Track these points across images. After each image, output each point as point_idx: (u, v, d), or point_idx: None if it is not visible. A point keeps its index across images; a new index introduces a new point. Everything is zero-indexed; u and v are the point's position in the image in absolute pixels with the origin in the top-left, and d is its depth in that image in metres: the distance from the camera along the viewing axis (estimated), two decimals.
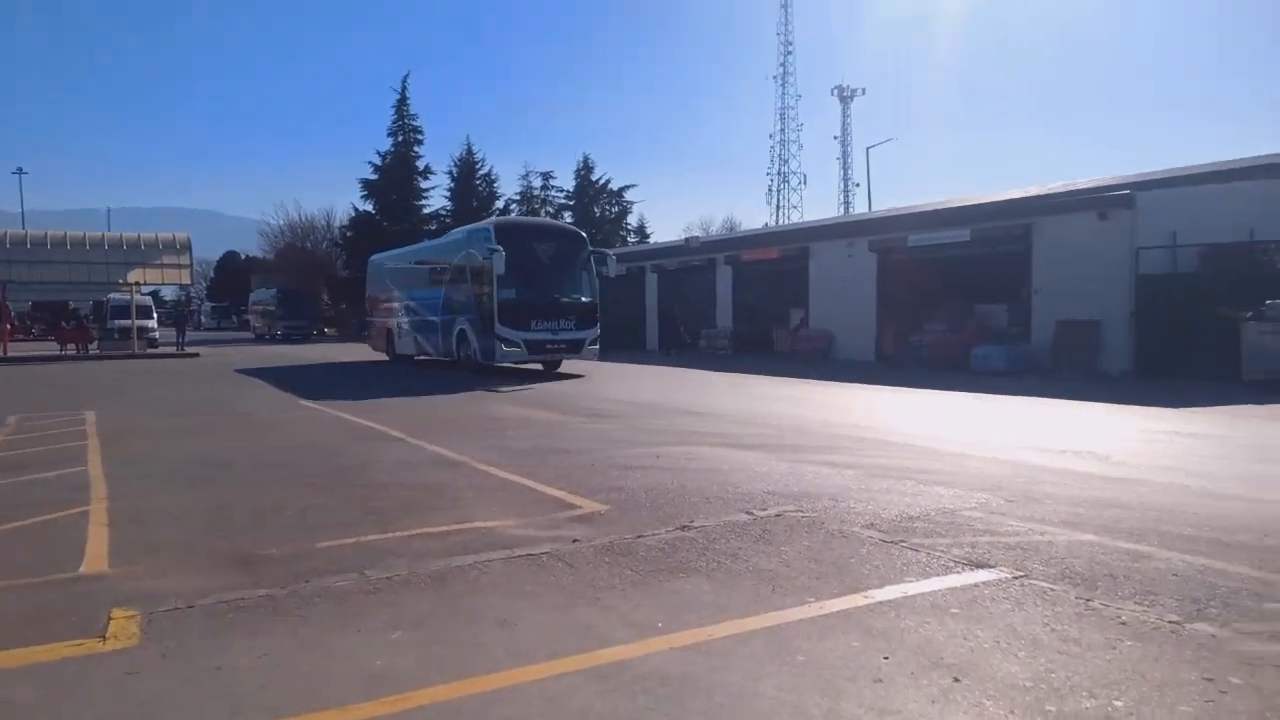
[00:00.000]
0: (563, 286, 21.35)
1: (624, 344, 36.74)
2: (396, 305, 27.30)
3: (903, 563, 5.18)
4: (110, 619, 4.35)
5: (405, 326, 26.46)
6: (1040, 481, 7.69)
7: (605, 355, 31.52)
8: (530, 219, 34.26)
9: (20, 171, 74.52)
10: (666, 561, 5.27)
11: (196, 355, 33.87)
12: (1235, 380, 16.28)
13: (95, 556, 5.54)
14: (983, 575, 4.90)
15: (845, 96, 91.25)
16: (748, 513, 6.49)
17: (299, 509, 6.85)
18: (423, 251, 26.92)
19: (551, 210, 68.25)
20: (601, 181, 67.25)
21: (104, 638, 4.11)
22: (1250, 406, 13.51)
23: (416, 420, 12.47)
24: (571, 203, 67.23)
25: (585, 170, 66.89)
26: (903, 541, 5.64)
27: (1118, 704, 3.23)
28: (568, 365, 23.36)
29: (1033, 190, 28.18)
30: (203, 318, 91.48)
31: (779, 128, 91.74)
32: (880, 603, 4.46)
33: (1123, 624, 4.06)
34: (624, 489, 7.44)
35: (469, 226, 23.80)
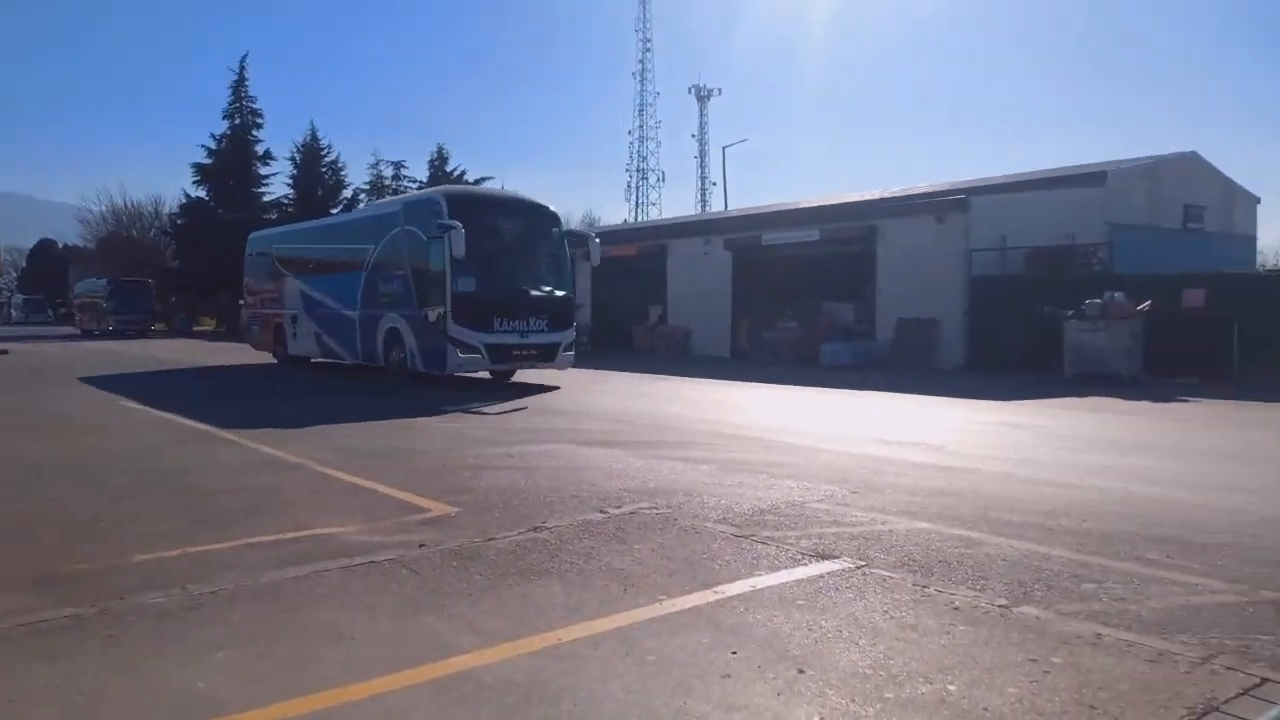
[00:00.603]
0: (532, 276, 16.91)
1: None
2: (291, 295, 22.04)
3: (752, 556, 5.23)
4: None
5: (305, 322, 21.31)
6: (883, 473, 7.99)
7: None
8: (490, 190, 26.03)
9: None
10: (517, 564, 5.13)
11: (5, 353, 31.03)
12: (1059, 374, 17.51)
13: None
14: (828, 566, 5.01)
15: (702, 96, 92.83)
16: (602, 511, 6.43)
17: (116, 519, 6.31)
18: (334, 229, 22.37)
19: None
20: (457, 173, 65.76)
21: None
22: (1072, 399, 14.56)
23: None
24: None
25: (440, 160, 65.10)
26: (753, 535, 5.71)
27: (951, 688, 3.34)
28: None
29: (878, 194, 29.50)
30: (13, 311, 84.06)
31: (638, 124, 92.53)
32: (730, 598, 4.48)
33: (956, 609, 4.22)
34: (475, 490, 7.24)
35: (403, 197, 19.62)
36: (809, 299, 25.20)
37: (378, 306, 17.94)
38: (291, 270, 22.29)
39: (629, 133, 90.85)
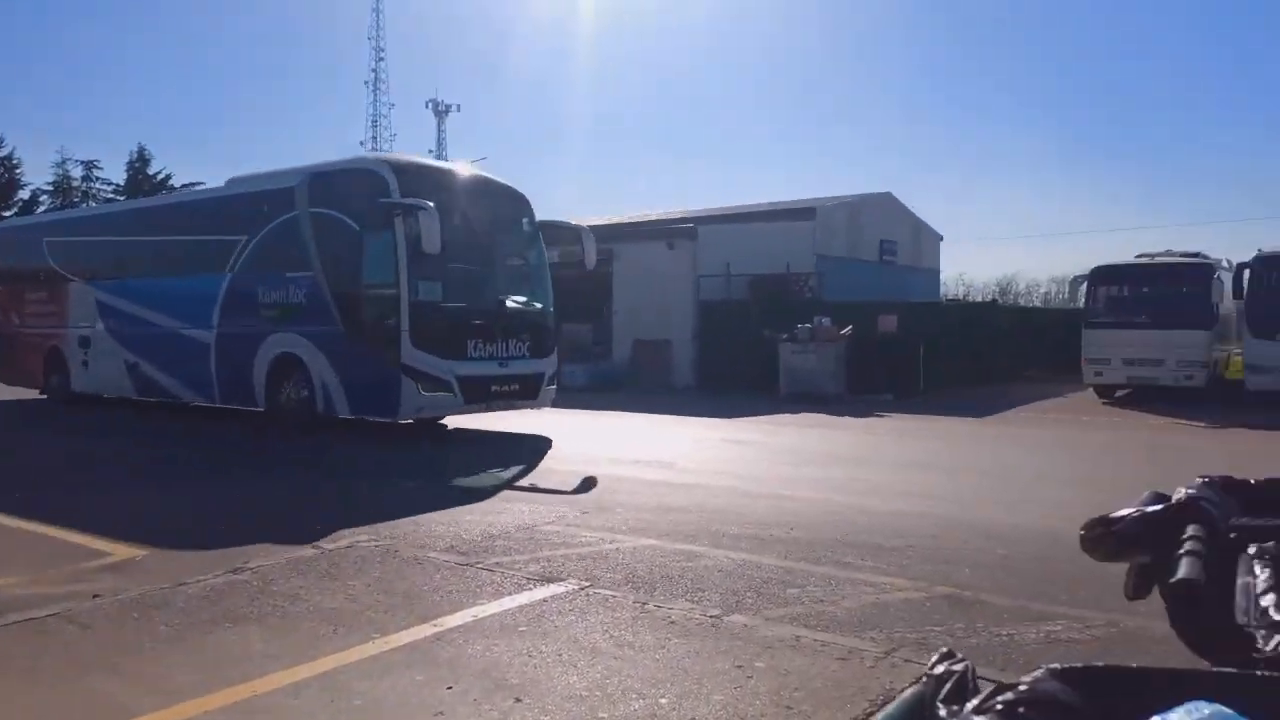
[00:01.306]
0: (508, 282, 12.86)
1: None
2: (80, 307, 15.90)
3: (477, 584, 5.08)
4: None
5: (106, 345, 15.23)
6: (616, 491, 8.12)
7: None
8: (443, 164, 18.19)
9: None
10: (210, 611, 4.63)
11: None
12: (776, 394, 18.82)
13: None
14: (553, 589, 4.96)
15: (440, 111, 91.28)
16: (315, 546, 5.99)
17: None
18: (163, 215, 15.99)
19: (95, 204, 59.68)
20: (161, 175, 59.87)
21: None
22: (787, 415, 15.67)
23: None
24: (123, 198, 59.18)
25: (140, 162, 59.02)
26: (479, 563, 5.56)
27: (663, 701, 3.39)
28: None
29: (616, 219, 30.47)
30: None
31: (371, 135, 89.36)
32: (449, 629, 4.30)
33: (672, 623, 4.33)
34: (169, 529, 6.50)
35: (303, 169, 12.64)
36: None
37: (255, 323, 12.47)
38: (80, 273, 15.96)
39: (360, 144, 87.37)
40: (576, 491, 8.11)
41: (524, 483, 8.60)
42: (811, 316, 19.01)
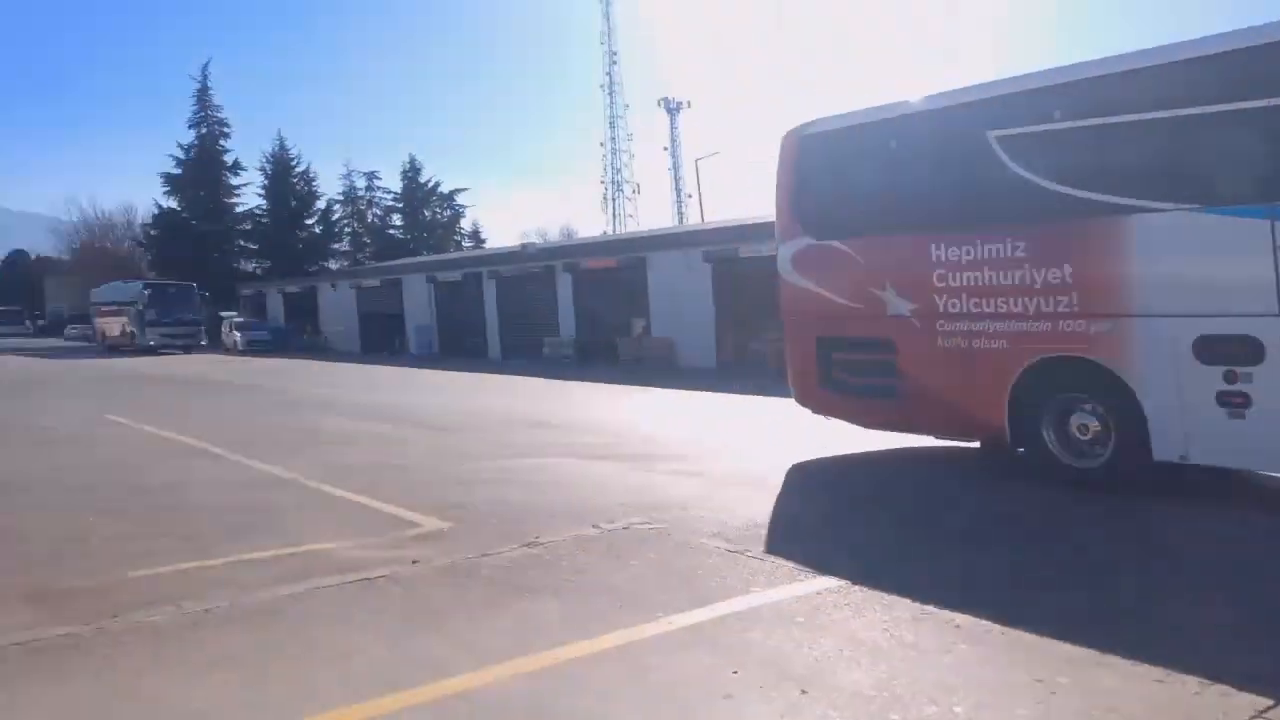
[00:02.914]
0: None
1: (466, 350, 36.04)
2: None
3: (749, 572, 5.23)
4: None
5: None
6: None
7: (442, 363, 30.79)
8: None
9: None
10: (512, 581, 5.11)
11: None
12: None
13: None
14: (825, 582, 5.00)
15: (672, 109, 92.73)
16: (596, 526, 6.41)
17: (107, 536, 6.23)
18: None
19: (380, 212, 66.11)
20: (431, 184, 65.53)
21: None
22: None
23: None
24: (400, 205, 65.25)
25: (413, 171, 64.95)
26: (747, 551, 5.70)
27: (958, 709, 3.34)
28: (402, 370, 22.54)
29: None
30: None
31: (610, 136, 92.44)
32: (727, 615, 4.47)
33: (957, 627, 4.23)
34: (468, 505, 7.20)
35: None
36: None
37: None
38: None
39: (601, 145, 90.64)
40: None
41: (777, 474, 8.67)
42: None
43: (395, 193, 65.35)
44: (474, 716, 3.37)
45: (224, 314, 45.22)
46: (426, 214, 64.70)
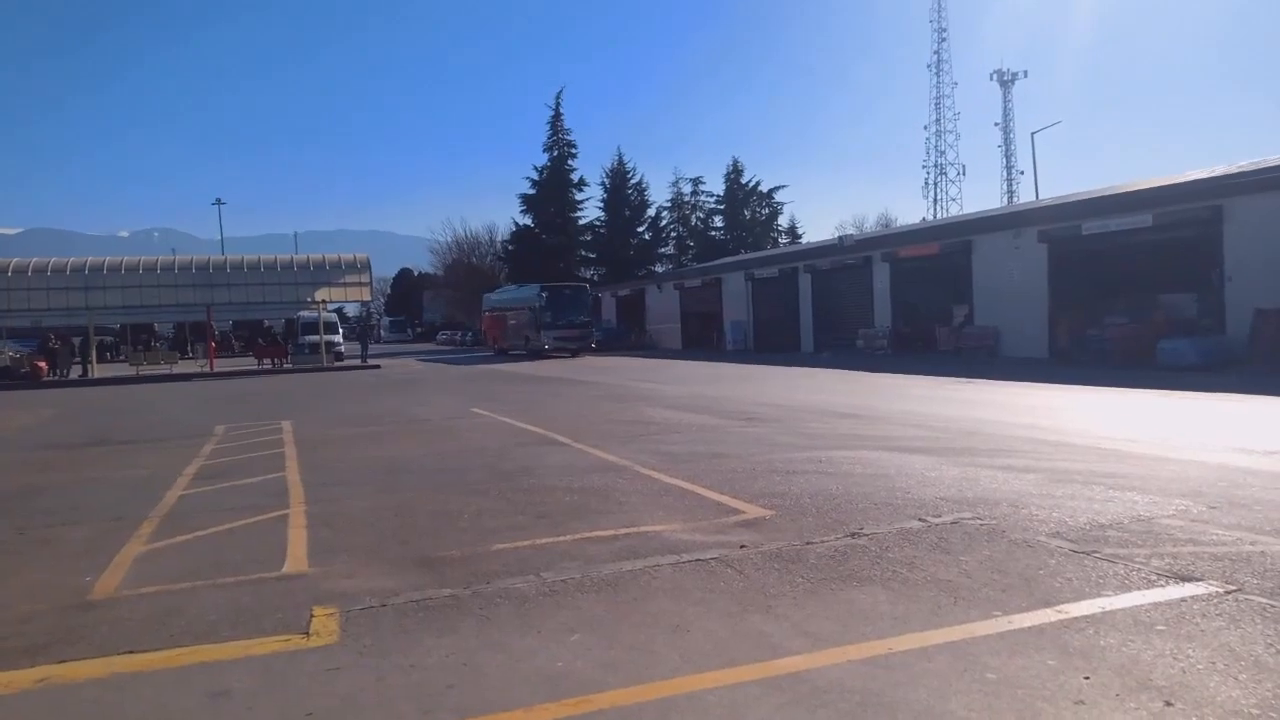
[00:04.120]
0: None
1: (779, 345, 36.36)
2: None
3: (1097, 575, 4.84)
4: (312, 616, 4.66)
5: None
6: (1247, 486, 7.04)
7: (756, 358, 31.27)
8: None
9: (219, 202, 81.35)
10: (838, 569, 5.14)
11: (378, 367, 36.01)
12: None
13: (296, 557, 5.95)
14: (1189, 589, 4.52)
15: (1005, 81, 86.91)
16: (921, 520, 6.25)
17: (474, 512, 7.13)
18: None
19: (702, 215, 68.44)
20: (751, 184, 66.95)
21: (307, 634, 4.41)
22: None
23: None
24: (722, 207, 67.27)
25: (735, 174, 66.79)
26: (1095, 552, 5.28)
27: None
28: (716, 365, 23.18)
29: (1220, 169, 25.91)
30: (382, 332, 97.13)
31: (934, 118, 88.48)
32: (1075, 618, 4.18)
33: None
34: (787, 494, 7.33)
35: None
36: (1140, 292, 22.67)
37: None
38: None
39: (924, 127, 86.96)
40: (1196, 484, 7.19)
41: (1123, 470, 7.87)
42: None
43: (718, 195, 67.65)
44: (808, 697, 3.46)
45: None
46: (746, 213, 66.20)
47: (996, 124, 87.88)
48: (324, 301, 38.69)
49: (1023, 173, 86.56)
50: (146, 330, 58.66)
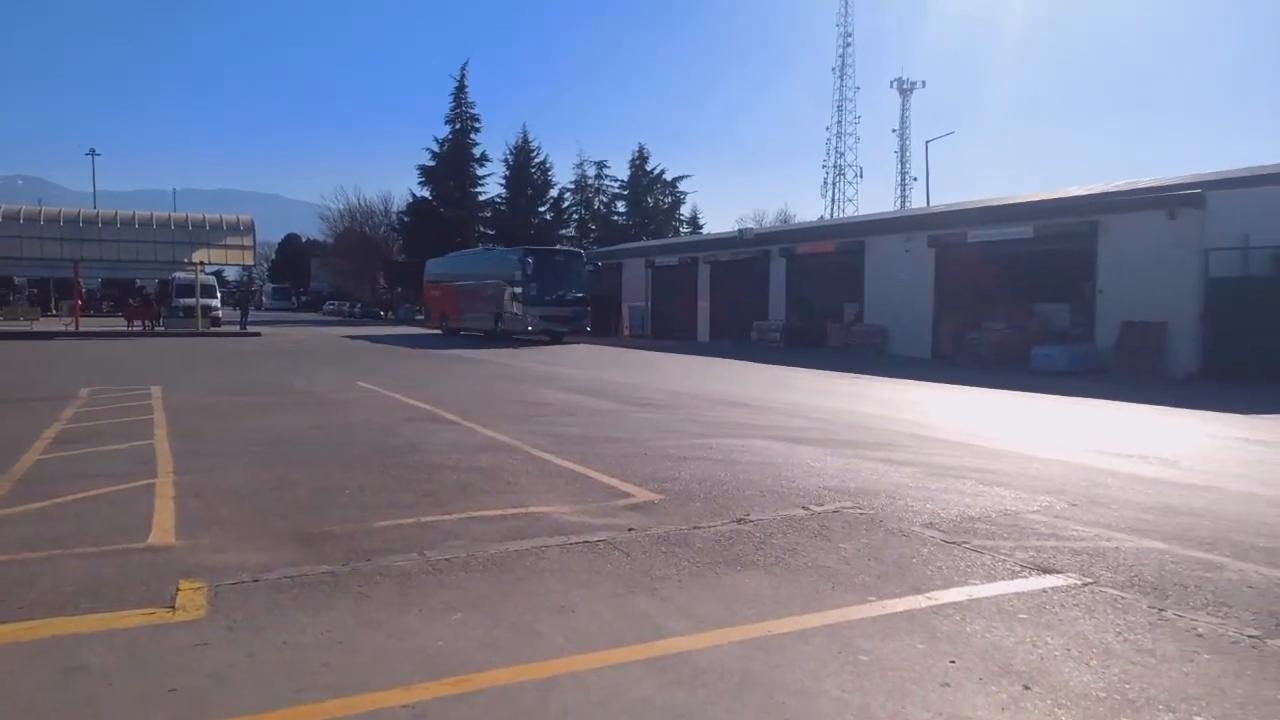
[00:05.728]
0: None
1: (676, 333, 36.69)
2: None
3: (966, 564, 5.07)
4: (179, 590, 4.44)
5: None
6: (1105, 485, 7.49)
7: (655, 344, 31.47)
8: None
9: (93, 153, 76.59)
10: (723, 554, 5.22)
11: (258, 335, 34.62)
12: None
13: (162, 529, 5.66)
14: (1050, 580, 4.77)
15: (905, 89, 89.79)
16: (804, 508, 6.41)
17: (357, 488, 6.93)
18: None
19: (605, 199, 68.27)
20: (656, 171, 67.09)
21: (173, 608, 4.20)
22: None
23: None
24: (626, 193, 67.20)
25: (640, 160, 66.76)
26: (964, 543, 5.52)
27: (1198, 719, 3.11)
28: (616, 350, 23.31)
29: (1098, 187, 27.46)
30: (264, 298, 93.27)
31: (835, 120, 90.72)
32: (944, 605, 4.36)
33: (1199, 636, 3.92)
34: (677, 479, 7.40)
35: None
36: (1019, 299, 23.83)
37: None
38: None
39: (826, 129, 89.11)
40: (1060, 482, 7.61)
41: (994, 466, 8.27)
42: None
43: (622, 180, 67.41)
44: (689, 678, 3.50)
45: None
46: (649, 201, 66.22)
47: (894, 130, 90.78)
48: (202, 263, 36.90)
49: (916, 179, 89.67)
50: (5, 284, 54.79)
